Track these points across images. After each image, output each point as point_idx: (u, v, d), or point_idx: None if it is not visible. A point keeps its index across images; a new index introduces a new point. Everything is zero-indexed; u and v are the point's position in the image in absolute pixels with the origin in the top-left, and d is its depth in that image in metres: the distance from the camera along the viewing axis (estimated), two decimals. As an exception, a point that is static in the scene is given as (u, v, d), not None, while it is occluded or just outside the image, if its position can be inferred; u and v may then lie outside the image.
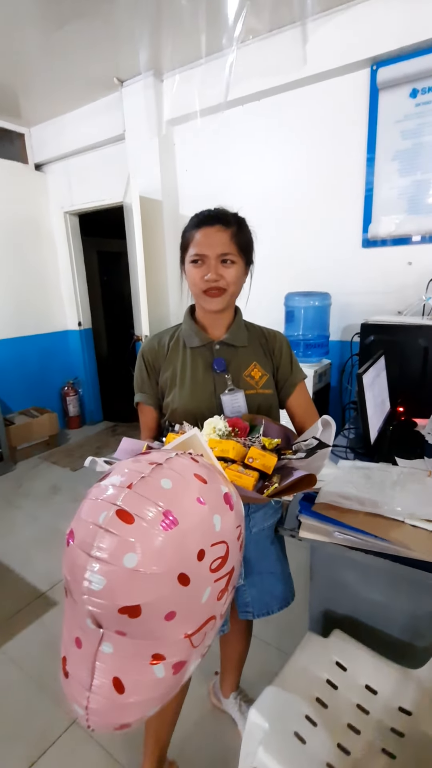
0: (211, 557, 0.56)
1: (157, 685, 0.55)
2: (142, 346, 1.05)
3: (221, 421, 0.82)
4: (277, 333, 1.06)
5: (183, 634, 0.55)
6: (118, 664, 0.53)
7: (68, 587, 0.56)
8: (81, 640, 0.56)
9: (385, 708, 0.90)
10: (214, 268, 0.90)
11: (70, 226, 3.74)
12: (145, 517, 0.51)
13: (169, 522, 0.52)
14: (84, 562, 0.51)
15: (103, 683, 0.53)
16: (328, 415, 0.74)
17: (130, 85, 2.77)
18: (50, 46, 2.37)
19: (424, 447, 1.34)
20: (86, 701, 0.54)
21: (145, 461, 0.59)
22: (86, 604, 0.51)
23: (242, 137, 2.62)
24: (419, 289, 2.15)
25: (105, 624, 0.52)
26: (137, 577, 0.49)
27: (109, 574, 0.49)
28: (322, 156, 2.40)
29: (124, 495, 0.53)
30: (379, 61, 2.12)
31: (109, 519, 0.51)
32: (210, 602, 0.57)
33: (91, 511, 0.54)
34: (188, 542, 0.53)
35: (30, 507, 2.72)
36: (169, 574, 0.51)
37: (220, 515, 0.58)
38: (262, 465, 0.75)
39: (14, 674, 1.54)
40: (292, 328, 2.38)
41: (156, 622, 0.52)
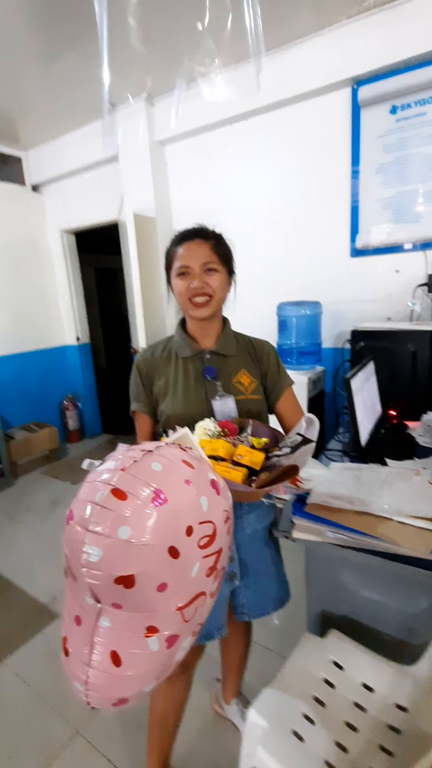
0: (199, 534, 0.60)
1: (152, 658, 0.59)
2: (137, 358, 1.09)
3: (211, 422, 0.86)
4: (264, 342, 1.11)
5: (175, 607, 0.59)
6: (115, 637, 0.57)
7: (68, 565, 0.60)
8: (80, 617, 0.60)
9: (382, 705, 0.92)
10: (199, 277, 0.95)
11: (67, 244, 3.83)
12: (138, 494, 0.56)
13: (160, 500, 0.56)
14: (82, 536, 0.55)
15: (101, 657, 0.57)
16: (311, 413, 0.78)
17: (122, 109, 2.87)
18: (45, 75, 2.47)
19: (414, 448, 1.38)
20: (86, 676, 0.57)
21: (137, 449, 0.64)
22: (85, 576, 0.55)
23: (232, 154, 2.71)
24: (406, 295, 2.20)
25: (102, 597, 0.56)
26: (131, 548, 0.54)
27: (105, 546, 0.54)
28: (309, 170, 2.48)
29: (118, 476, 0.57)
30: (359, 80, 2.22)
31: (105, 497, 0.56)
32: (199, 577, 0.61)
33: (88, 491, 0.58)
34: (177, 518, 0.58)
35: (31, 521, 2.73)
36: (160, 545, 0.55)
37: (207, 497, 0.62)
38: (249, 461, 0.79)
39: (18, 688, 1.54)
40: (285, 337, 2.43)
41: (149, 593, 0.55)
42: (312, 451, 0.78)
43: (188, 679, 1.09)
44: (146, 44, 2.19)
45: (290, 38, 2.25)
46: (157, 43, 2.19)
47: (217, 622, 1.02)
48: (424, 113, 2.12)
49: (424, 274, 2.20)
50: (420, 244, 2.23)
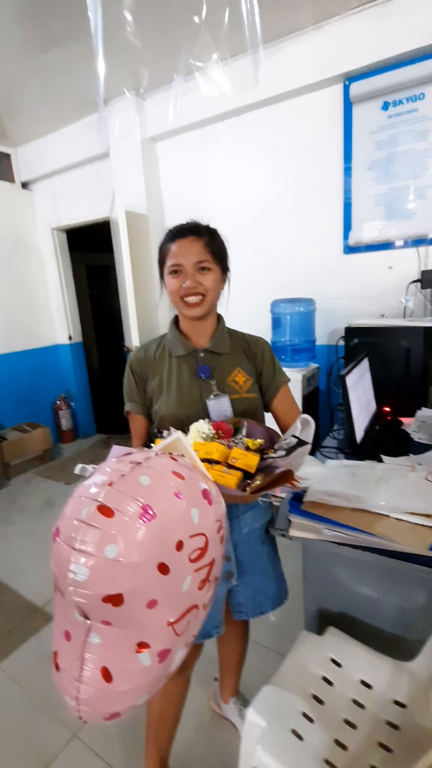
0: (190, 548, 0.59)
1: (144, 673, 0.58)
2: (130, 357, 1.08)
3: (206, 424, 0.85)
4: (258, 338, 1.10)
5: (166, 622, 0.58)
6: (106, 653, 0.56)
7: (56, 582, 0.59)
8: (70, 633, 0.58)
9: (380, 702, 0.92)
10: (191, 276, 0.94)
11: (58, 242, 3.79)
12: (125, 511, 0.54)
13: (148, 516, 0.55)
14: (68, 555, 0.54)
15: (92, 673, 0.56)
16: (307, 414, 0.77)
17: (112, 105, 2.84)
18: (35, 69, 2.43)
19: (409, 444, 1.38)
20: (77, 692, 0.56)
21: (126, 461, 0.62)
22: (73, 595, 0.53)
23: (223, 151, 2.69)
24: (400, 292, 2.21)
25: (91, 614, 0.54)
26: (118, 567, 0.52)
27: (92, 565, 0.52)
28: (301, 167, 2.47)
29: (104, 492, 0.56)
30: (351, 77, 2.21)
31: (91, 514, 0.54)
32: (191, 591, 0.60)
33: (75, 508, 0.57)
34: (167, 533, 0.56)
35: (24, 522, 2.70)
36: (148, 563, 0.54)
37: (198, 509, 0.61)
38: (244, 464, 0.78)
39: (13, 691, 1.52)
40: (279, 334, 2.42)
41: (139, 610, 0.54)
42: (307, 452, 0.77)
43: (186, 679, 1.09)
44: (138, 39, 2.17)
45: (281, 34, 2.24)
46: (149, 39, 2.17)
47: (214, 621, 1.01)
48: (416, 109, 2.13)
49: (417, 270, 2.20)
50: (412, 241, 2.24)
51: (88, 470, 0.79)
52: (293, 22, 2.15)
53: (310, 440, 0.77)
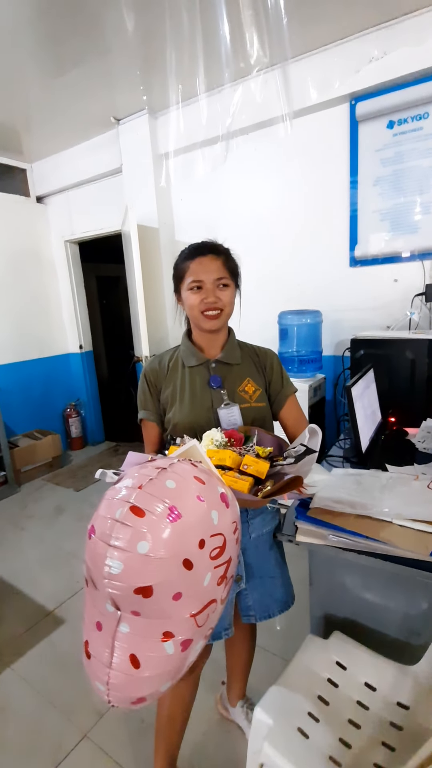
0: (211, 546, 0.64)
1: (168, 660, 0.63)
2: (145, 367, 1.13)
3: (218, 432, 0.90)
4: (267, 350, 1.15)
5: (189, 614, 0.63)
6: (134, 642, 0.61)
7: (90, 576, 0.64)
8: (101, 623, 0.64)
9: (384, 703, 0.95)
10: (212, 292, 1.00)
11: (71, 254, 3.89)
12: (154, 511, 0.60)
13: (174, 516, 0.61)
14: (104, 550, 0.59)
15: (121, 660, 0.61)
16: (314, 424, 0.82)
17: (126, 123, 2.95)
18: (51, 91, 2.54)
19: (414, 454, 1.41)
20: (107, 677, 0.62)
21: (151, 467, 0.68)
22: (106, 587, 0.59)
23: (233, 167, 2.77)
24: (405, 304, 2.25)
25: (122, 605, 0.60)
26: (149, 561, 0.58)
27: (125, 560, 0.58)
28: (309, 182, 2.54)
29: (135, 494, 0.62)
30: (357, 97, 2.29)
31: (125, 514, 0.60)
32: (211, 586, 0.65)
33: (109, 508, 0.63)
34: (190, 532, 0.62)
35: (35, 528, 2.75)
36: (175, 558, 0.60)
37: (218, 511, 0.66)
38: (255, 471, 0.83)
39: (25, 692, 1.56)
40: (286, 345, 2.47)
41: (165, 601, 0.60)
42: (314, 460, 0.82)
43: (195, 680, 1.12)
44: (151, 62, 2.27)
45: (290, 56, 2.32)
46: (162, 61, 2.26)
47: (224, 623, 1.05)
48: (421, 128, 2.19)
49: (422, 283, 2.25)
50: (418, 254, 2.28)
51: (108, 475, 0.84)
52: (301, 44, 2.23)
53: (317, 448, 0.81)
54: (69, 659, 1.68)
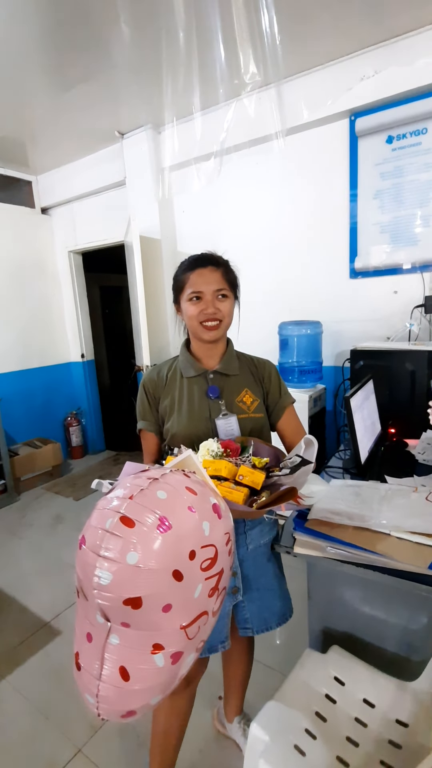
0: (202, 557, 0.64)
1: (159, 673, 0.62)
2: (143, 378, 1.13)
3: (214, 443, 0.90)
4: (266, 361, 1.16)
5: (179, 626, 0.62)
6: (124, 654, 0.61)
7: (80, 586, 0.64)
8: (91, 634, 0.63)
9: (382, 721, 0.93)
10: (211, 303, 1.01)
11: (74, 264, 3.94)
12: (145, 522, 0.60)
13: (165, 526, 0.60)
14: (94, 561, 0.59)
15: (111, 672, 0.61)
16: (310, 435, 0.82)
17: (130, 137, 3.00)
18: (57, 106, 2.60)
19: (414, 466, 1.41)
20: (97, 689, 0.61)
21: (144, 477, 0.68)
22: (96, 598, 0.59)
23: (235, 180, 2.82)
24: (405, 316, 2.26)
25: (112, 617, 0.60)
26: (138, 572, 0.58)
27: (115, 570, 0.58)
28: (309, 195, 2.58)
29: (126, 504, 0.62)
30: (356, 112, 2.33)
31: (114, 524, 0.60)
32: (202, 598, 0.65)
33: (99, 519, 0.63)
34: (181, 543, 0.62)
35: (34, 537, 2.74)
36: (165, 570, 0.59)
37: (209, 522, 0.66)
38: (250, 481, 0.83)
39: (19, 704, 1.54)
40: (286, 356, 2.48)
41: (155, 613, 0.59)
42: (310, 471, 0.82)
43: (191, 694, 1.10)
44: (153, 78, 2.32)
45: (291, 72, 2.38)
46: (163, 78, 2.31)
47: (220, 636, 1.04)
48: (419, 143, 2.22)
49: (422, 295, 2.26)
50: (418, 266, 2.30)
51: (104, 485, 0.84)
52: (303, 61, 2.29)
53: (313, 459, 0.81)
54: (64, 672, 1.66)
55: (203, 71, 2.18)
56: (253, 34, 1.78)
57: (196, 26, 1.87)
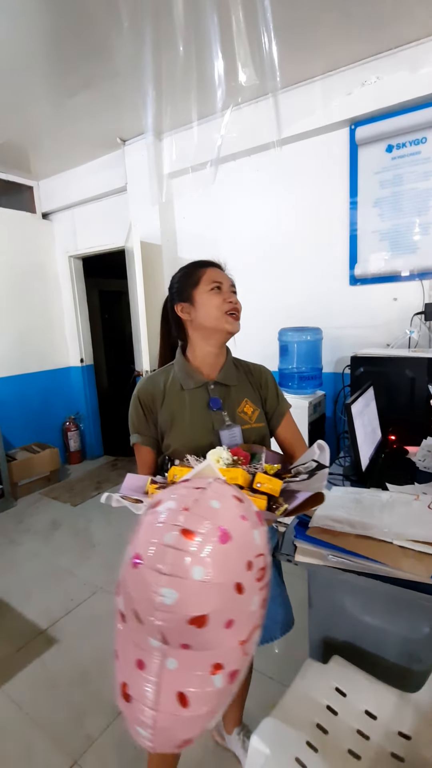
0: (257, 567, 0.61)
1: (217, 695, 0.58)
2: (138, 389, 1.07)
3: (225, 451, 0.88)
4: (261, 367, 1.15)
5: (239, 642, 0.59)
6: (182, 678, 0.57)
7: (132, 609, 0.59)
8: (143, 660, 0.59)
9: (384, 733, 0.92)
10: (231, 295, 1.02)
11: (74, 269, 3.95)
12: (206, 534, 0.56)
13: (225, 537, 0.57)
14: (155, 579, 0.55)
15: (168, 700, 0.56)
16: (322, 440, 0.82)
17: (131, 144, 3.03)
18: (60, 112, 2.62)
19: (414, 473, 1.40)
20: (152, 720, 0.56)
21: (190, 487, 0.64)
22: (157, 619, 0.54)
23: (235, 187, 2.84)
24: (404, 323, 2.27)
25: (172, 638, 0.55)
26: (205, 588, 0.54)
27: (180, 587, 0.54)
28: (309, 203, 2.59)
29: (184, 516, 0.57)
30: (357, 122, 2.35)
31: (176, 538, 0.55)
32: (257, 610, 0.62)
33: (156, 533, 0.58)
34: (240, 554, 0.58)
35: (30, 543, 2.71)
36: (229, 583, 0.56)
37: (258, 530, 0.63)
38: (269, 489, 0.80)
39: (14, 715, 1.51)
40: (286, 362, 2.48)
41: (218, 630, 0.56)
42: (326, 476, 0.80)
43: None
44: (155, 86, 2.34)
45: (292, 82, 2.40)
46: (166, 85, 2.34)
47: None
48: (419, 152, 2.24)
49: (421, 302, 2.27)
50: (417, 273, 2.31)
51: (114, 499, 0.82)
52: (304, 71, 2.31)
53: (327, 463, 0.81)
54: (61, 681, 1.63)
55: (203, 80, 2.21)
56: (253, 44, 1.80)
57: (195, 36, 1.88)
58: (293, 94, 2.44)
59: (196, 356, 1.07)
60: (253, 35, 1.75)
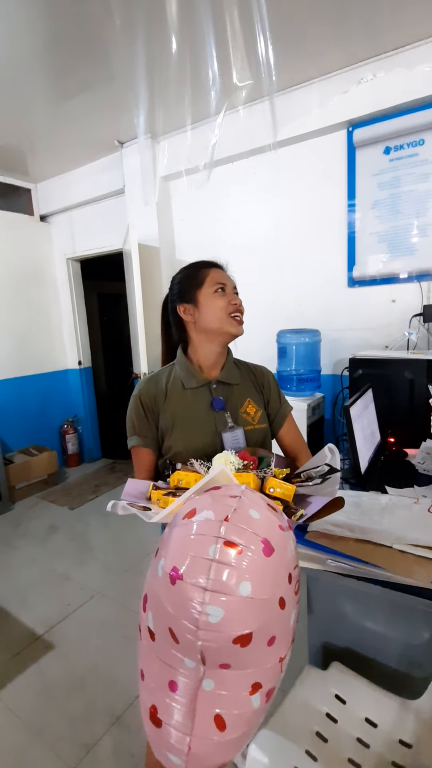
0: (295, 579, 0.58)
1: (255, 715, 0.55)
2: (138, 390, 1.05)
3: (232, 455, 0.85)
4: (263, 368, 1.14)
5: (278, 659, 0.56)
6: (220, 699, 0.53)
7: (169, 628, 0.55)
8: (176, 682, 0.55)
9: (385, 741, 0.90)
10: (234, 297, 1.02)
11: (72, 271, 3.94)
12: (250, 547, 0.52)
13: (269, 549, 0.53)
14: (199, 595, 0.51)
15: (204, 723, 0.53)
16: (331, 444, 0.81)
17: (129, 146, 3.02)
18: (58, 115, 2.61)
19: (414, 476, 1.39)
20: (187, 746, 0.53)
21: (222, 495, 0.60)
22: (199, 639, 0.51)
23: (233, 189, 2.83)
24: (403, 325, 2.26)
25: (211, 658, 0.52)
26: (252, 604, 0.51)
27: (226, 605, 0.50)
28: (308, 205, 2.59)
29: (225, 527, 0.53)
30: (354, 124, 2.35)
31: (220, 551, 0.52)
32: (294, 625, 0.59)
33: (196, 546, 0.54)
34: (282, 567, 0.55)
35: (27, 547, 2.69)
36: (273, 598, 0.53)
37: (292, 539, 0.61)
38: (283, 494, 0.77)
39: (9, 722, 1.49)
40: (284, 364, 2.47)
41: (261, 648, 0.53)
42: (338, 480, 0.79)
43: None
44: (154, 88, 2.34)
45: (290, 84, 2.40)
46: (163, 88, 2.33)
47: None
48: (417, 154, 2.24)
49: (420, 304, 2.26)
50: (415, 275, 2.31)
51: (120, 506, 0.79)
52: (302, 73, 2.31)
53: (338, 467, 0.80)
54: (57, 688, 1.61)
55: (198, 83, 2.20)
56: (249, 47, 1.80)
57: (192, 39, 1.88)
58: (290, 96, 2.44)
59: (198, 355, 1.05)
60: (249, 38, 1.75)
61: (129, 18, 1.80)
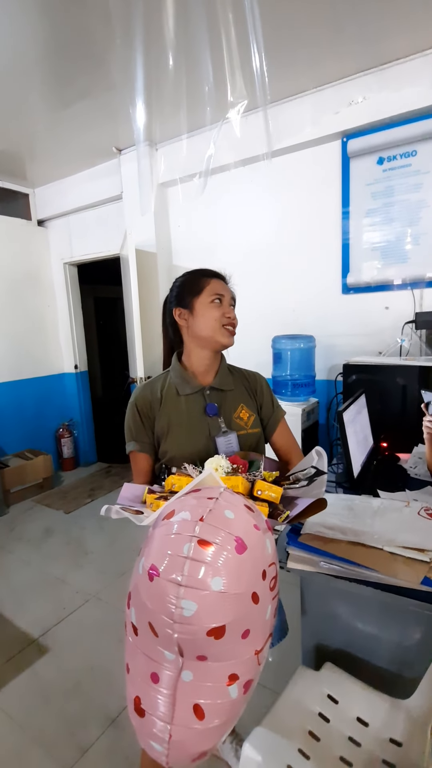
0: (270, 576, 0.61)
1: (232, 706, 0.58)
2: (135, 396, 1.08)
3: (223, 459, 0.88)
4: (256, 373, 1.16)
5: (254, 651, 0.59)
6: (198, 690, 0.57)
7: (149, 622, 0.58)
8: (157, 674, 0.59)
9: (376, 740, 0.92)
10: (230, 309, 1.04)
11: (69, 276, 3.96)
12: (223, 544, 0.56)
13: (242, 547, 0.57)
14: (174, 591, 0.54)
15: (184, 712, 0.56)
16: (319, 447, 0.83)
17: (127, 153, 3.06)
18: (56, 121, 2.65)
19: (406, 480, 1.42)
20: (168, 734, 0.56)
21: (201, 497, 0.64)
22: (175, 632, 0.54)
23: (229, 197, 2.87)
24: (396, 331, 2.30)
25: (188, 650, 0.55)
26: (224, 599, 0.54)
27: (199, 599, 0.53)
28: (303, 213, 2.63)
29: (199, 527, 0.57)
30: (348, 134, 2.40)
31: (194, 549, 0.55)
32: (270, 619, 0.62)
33: (171, 544, 0.57)
34: (255, 564, 0.59)
35: (22, 551, 2.69)
36: (246, 593, 0.56)
37: (269, 538, 0.64)
38: (269, 496, 0.80)
39: (4, 725, 1.49)
40: (279, 369, 2.50)
41: (235, 641, 0.56)
42: (325, 482, 0.81)
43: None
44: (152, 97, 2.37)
45: (285, 95, 2.45)
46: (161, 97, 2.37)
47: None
48: (409, 164, 2.29)
49: (412, 311, 2.30)
50: (408, 283, 2.35)
51: (113, 511, 0.81)
52: (296, 84, 2.36)
53: (325, 469, 0.82)
54: (53, 691, 1.62)
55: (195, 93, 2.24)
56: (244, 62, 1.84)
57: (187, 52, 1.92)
58: (285, 107, 2.48)
59: (191, 362, 1.08)
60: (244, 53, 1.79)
61: (127, 29, 1.84)
